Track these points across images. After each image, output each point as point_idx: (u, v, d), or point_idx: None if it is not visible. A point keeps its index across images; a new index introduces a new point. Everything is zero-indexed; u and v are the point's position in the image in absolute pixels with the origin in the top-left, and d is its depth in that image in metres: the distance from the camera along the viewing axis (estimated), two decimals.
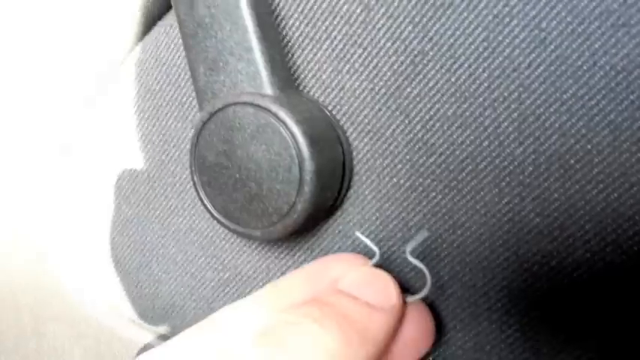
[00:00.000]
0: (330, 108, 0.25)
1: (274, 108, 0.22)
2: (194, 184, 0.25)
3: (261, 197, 0.23)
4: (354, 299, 0.21)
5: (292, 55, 0.25)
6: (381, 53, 0.23)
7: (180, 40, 0.25)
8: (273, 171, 0.23)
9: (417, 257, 0.22)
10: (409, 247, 0.22)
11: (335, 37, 0.24)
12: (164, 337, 0.34)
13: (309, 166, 0.22)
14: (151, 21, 0.29)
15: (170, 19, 0.28)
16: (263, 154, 0.23)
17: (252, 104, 0.22)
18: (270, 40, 0.23)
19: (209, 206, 0.25)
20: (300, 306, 0.20)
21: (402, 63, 0.23)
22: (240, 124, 0.23)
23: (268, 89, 0.23)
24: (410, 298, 0.22)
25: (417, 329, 0.22)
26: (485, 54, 0.21)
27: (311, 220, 0.23)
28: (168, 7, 0.29)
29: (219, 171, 0.24)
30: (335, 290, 0.21)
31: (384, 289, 0.22)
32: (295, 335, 0.18)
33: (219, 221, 0.25)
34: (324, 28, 0.24)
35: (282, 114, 0.22)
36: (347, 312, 0.20)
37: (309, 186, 0.22)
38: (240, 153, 0.23)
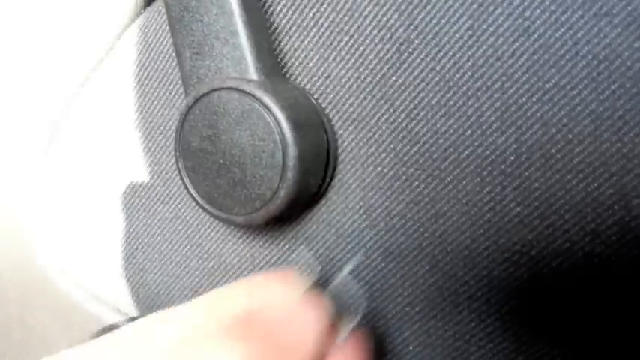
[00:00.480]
0: (315, 96, 0.25)
1: (259, 93, 0.22)
2: (178, 170, 0.25)
3: (244, 183, 0.23)
4: (284, 322, 0.20)
5: (279, 42, 0.25)
6: (367, 41, 0.23)
7: (167, 26, 0.25)
8: (256, 156, 0.23)
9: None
10: (347, 269, 0.22)
11: (322, 25, 0.24)
12: (134, 319, 0.34)
13: (292, 151, 0.22)
14: (139, 7, 0.29)
15: (158, 4, 0.28)
16: (247, 140, 0.23)
17: (236, 89, 0.22)
18: (256, 26, 0.23)
19: (193, 192, 0.25)
20: (234, 318, 0.20)
21: (387, 51, 0.23)
22: (225, 109, 0.23)
23: (253, 74, 0.23)
24: (343, 330, 0.22)
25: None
26: (470, 42, 0.21)
27: (294, 206, 0.23)
28: None
29: (203, 156, 0.24)
30: (269, 309, 0.21)
31: (313, 315, 0.21)
32: (212, 350, 0.18)
33: (202, 207, 0.25)
34: (311, 15, 0.24)
35: (267, 99, 0.22)
36: (275, 335, 0.19)
37: (292, 172, 0.22)
38: (224, 138, 0.23)
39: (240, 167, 0.23)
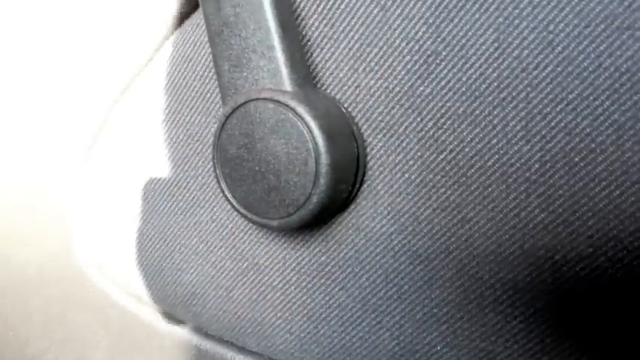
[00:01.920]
0: (346, 105, 0.26)
1: (293, 104, 0.23)
2: (216, 176, 0.26)
3: (279, 189, 0.24)
4: None
5: (311, 53, 0.26)
6: (396, 53, 0.24)
7: (206, 38, 0.26)
8: (290, 164, 0.24)
9: (425, 248, 0.23)
10: None
11: (352, 37, 0.25)
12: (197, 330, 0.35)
13: (325, 159, 0.23)
14: (178, 20, 0.31)
15: (197, 17, 0.30)
16: (281, 148, 0.24)
17: (272, 100, 0.24)
18: (290, 39, 0.24)
19: (230, 197, 0.26)
20: None
21: (415, 62, 0.24)
22: (261, 118, 0.24)
23: (288, 86, 0.24)
24: None
25: None
26: (496, 55, 0.22)
27: (326, 211, 0.25)
28: (196, 6, 0.30)
29: (239, 163, 0.25)
30: None
31: None
32: None
33: (239, 212, 0.26)
34: (342, 28, 0.25)
35: (301, 109, 0.23)
36: None
37: (324, 178, 0.23)
38: (260, 146, 0.24)
39: (275, 174, 0.24)
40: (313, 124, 0.23)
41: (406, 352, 0.26)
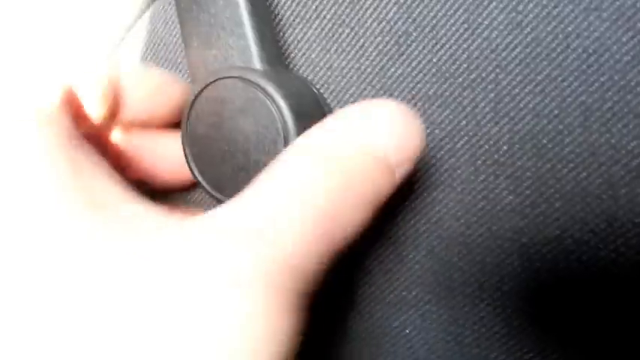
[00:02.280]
0: (317, 86, 0.26)
1: (262, 82, 0.23)
2: (185, 156, 0.26)
3: (247, 169, 0.24)
4: None
5: (283, 33, 0.26)
6: (368, 34, 0.24)
7: (176, 17, 0.26)
8: (259, 143, 0.23)
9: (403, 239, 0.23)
10: None
11: (324, 17, 0.25)
12: None
13: (293, 139, 0.23)
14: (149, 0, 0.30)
15: None
16: (250, 127, 0.24)
17: (241, 78, 0.23)
18: (260, 16, 0.24)
19: (199, 177, 0.26)
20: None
21: (386, 43, 0.24)
22: (230, 97, 0.24)
23: (257, 64, 0.24)
24: None
25: None
26: (465, 35, 0.22)
27: None
28: None
29: (208, 143, 0.25)
30: None
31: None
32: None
33: (207, 191, 0.26)
34: (314, 7, 0.25)
35: (270, 88, 0.23)
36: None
37: None
38: (228, 125, 0.24)
39: (244, 153, 0.24)
40: (282, 104, 0.23)
41: (375, 335, 0.26)
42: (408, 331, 0.26)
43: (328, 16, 0.25)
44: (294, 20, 0.26)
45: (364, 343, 0.27)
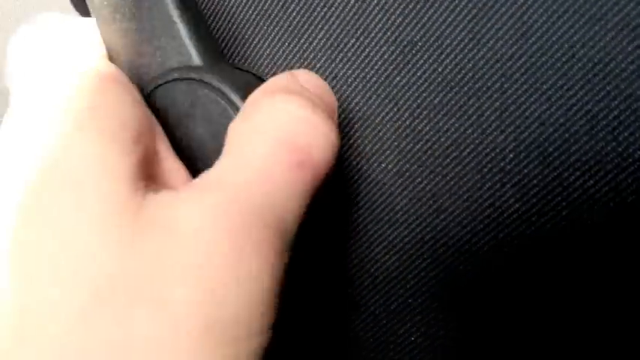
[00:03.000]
0: None
1: (207, 77, 0.21)
2: None
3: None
4: None
5: (289, 43, 0.26)
6: (373, 43, 0.24)
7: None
8: (217, 143, 0.21)
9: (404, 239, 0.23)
10: None
11: (329, 27, 0.25)
12: None
13: None
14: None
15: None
16: (204, 130, 0.21)
17: (181, 79, 0.21)
18: (192, 12, 0.22)
19: None
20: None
21: (392, 53, 0.24)
22: (174, 102, 0.22)
23: (197, 60, 0.22)
24: None
25: None
26: (471, 45, 0.22)
27: None
28: None
29: None
30: None
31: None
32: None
33: None
34: (320, 17, 0.25)
35: (216, 82, 0.21)
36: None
37: None
38: (179, 134, 0.22)
39: (202, 159, 0.22)
40: (234, 97, 0.21)
41: (380, 342, 0.26)
42: (413, 339, 0.26)
43: (334, 26, 0.25)
44: (299, 30, 0.26)
45: (369, 351, 0.27)
